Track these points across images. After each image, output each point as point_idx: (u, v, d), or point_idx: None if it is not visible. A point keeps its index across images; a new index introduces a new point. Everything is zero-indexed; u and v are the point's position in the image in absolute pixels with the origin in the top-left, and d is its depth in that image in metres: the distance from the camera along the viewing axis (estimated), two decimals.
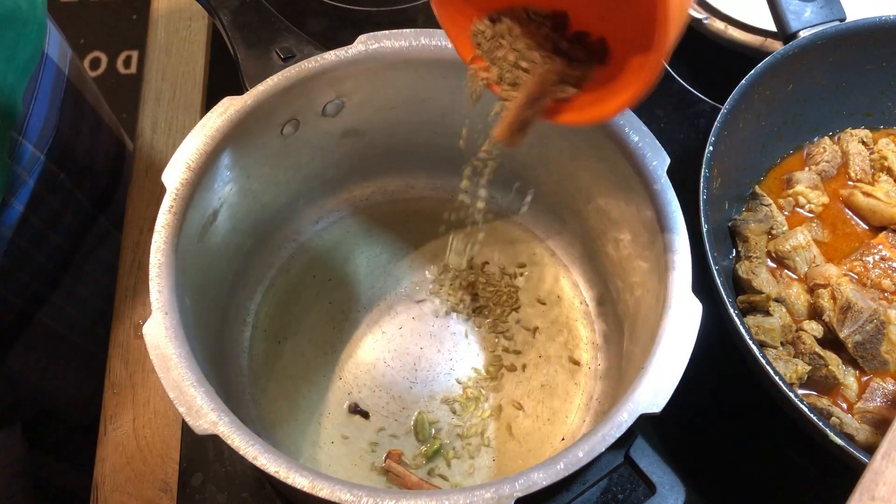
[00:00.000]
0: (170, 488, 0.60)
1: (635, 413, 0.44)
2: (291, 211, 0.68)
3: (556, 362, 0.65)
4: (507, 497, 0.41)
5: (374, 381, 0.64)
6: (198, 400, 0.44)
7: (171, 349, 0.46)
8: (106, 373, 0.65)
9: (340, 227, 0.71)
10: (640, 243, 0.55)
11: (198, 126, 0.53)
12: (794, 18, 0.67)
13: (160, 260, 0.49)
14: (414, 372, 0.64)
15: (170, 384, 0.45)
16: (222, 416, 0.44)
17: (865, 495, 0.46)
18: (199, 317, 0.55)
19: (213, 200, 0.55)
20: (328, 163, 0.66)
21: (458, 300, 0.67)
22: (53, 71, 0.71)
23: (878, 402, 0.60)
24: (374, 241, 0.70)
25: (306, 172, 0.65)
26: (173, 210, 0.50)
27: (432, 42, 0.57)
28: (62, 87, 0.73)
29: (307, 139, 0.61)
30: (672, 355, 0.46)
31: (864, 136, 0.73)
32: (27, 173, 0.68)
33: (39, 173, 0.69)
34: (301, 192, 0.67)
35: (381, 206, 0.72)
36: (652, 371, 0.45)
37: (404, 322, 0.66)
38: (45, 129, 0.69)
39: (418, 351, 0.65)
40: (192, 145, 0.52)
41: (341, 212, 0.71)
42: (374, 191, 0.72)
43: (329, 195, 0.70)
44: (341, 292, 0.68)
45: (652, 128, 0.54)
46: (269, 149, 0.59)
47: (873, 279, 0.65)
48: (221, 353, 0.61)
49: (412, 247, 0.70)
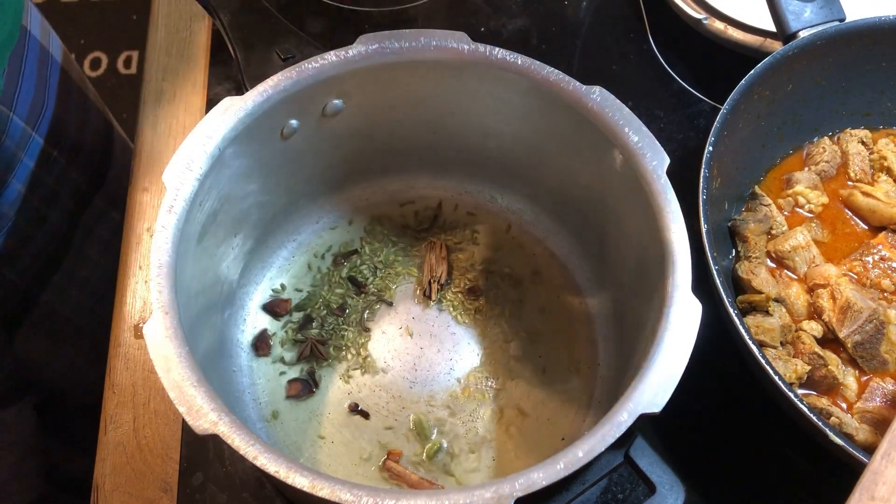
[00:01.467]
0: (170, 488, 0.60)
1: (635, 413, 0.44)
2: (291, 210, 0.68)
3: (556, 362, 0.65)
4: (506, 497, 0.41)
5: (374, 381, 0.64)
6: (198, 400, 0.44)
7: (172, 349, 0.46)
8: (106, 373, 0.65)
9: (340, 226, 0.71)
10: (640, 243, 0.55)
11: (198, 126, 0.53)
12: (793, 18, 0.67)
13: (161, 260, 0.49)
14: (414, 372, 0.64)
15: (170, 384, 0.45)
16: (222, 415, 0.44)
17: (865, 495, 0.46)
18: (200, 316, 0.55)
19: (214, 200, 0.55)
20: (328, 163, 0.66)
21: (458, 300, 0.67)
22: (37, 49, 0.72)
23: (878, 401, 0.60)
24: (373, 240, 0.70)
25: (306, 172, 0.65)
26: (173, 210, 0.50)
27: (432, 42, 0.57)
28: (47, 65, 0.74)
29: (307, 139, 0.61)
30: (672, 355, 0.46)
31: (864, 136, 0.73)
32: (22, 152, 0.70)
33: (34, 152, 0.71)
34: (301, 192, 0.67)
35: (382, 205, 0.72)
36: (652, 371, 0.45)
37: (404, 322, 0.67)
38: (34, 106, 0.70)
39: (418, 351, 0.65)
40: (192, 145, 0.52)
41: (341, 211, 0.71)
42: (374, 191, 0.72)
43: (329, 195, 0.70)
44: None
45: (652, 128, 0.54)
46: (269, 149, 0.59)
47: (873, 279, 0.65)
48: (221, 353, 0.61)
49: (412, 246, 0.70)
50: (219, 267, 0.60)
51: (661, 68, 0.83)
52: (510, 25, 0.85)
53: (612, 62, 0.83)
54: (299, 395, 0.63)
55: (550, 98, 0.57)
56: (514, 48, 0.57)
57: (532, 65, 0.56)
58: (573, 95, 0.55)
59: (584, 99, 0.55)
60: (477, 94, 0.60)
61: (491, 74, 0.57)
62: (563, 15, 0.86)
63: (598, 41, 0.85)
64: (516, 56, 0.57)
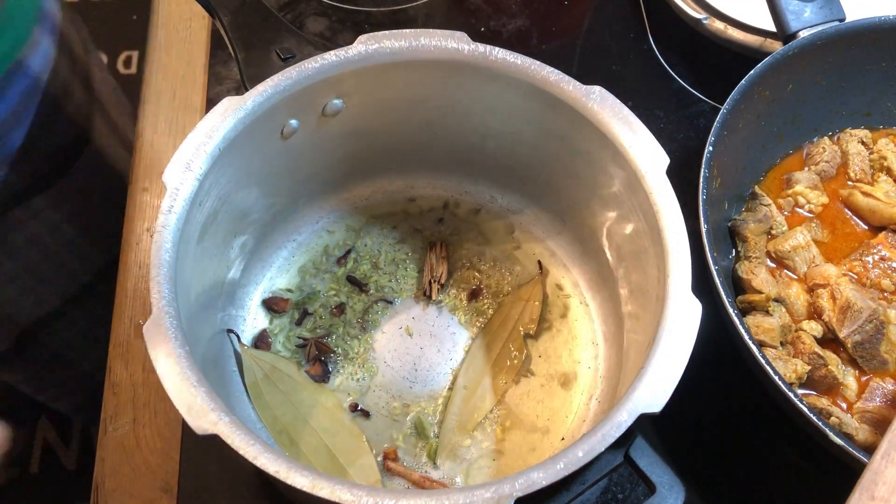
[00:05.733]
0: (170, 488, 0.60)
1: (635, 413, 0.44)
2: (291, 210, 0.68)
3: (557, 362, 0.65)
4: (506, 497, 0.41)
5: (374, 381, 0.64)
6: (198, 400, 0.44)
7: (172, 349, 0.46)
8: (106, 373, 0.65)
9: (340, 226, 0.71)
10: (640, 244, 0.55)
11: (198, 126, 0.53)
12: (793, 18, 0.67)
13: (161, 259, 0.49)
14: (414, 372, 0.64)
15: (169, 384, 0.45)
16: (222, 415, 0.44)
17: (865, 495, 0.46)
18: (199, 316, 0.55)
19: (214, 200, 0.55)
20: (328, 163, 0.66)
21: (458, 300, 0.67)
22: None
23: (878, 401, 0.60)
24: (373, 240, 0.70)
25: (306, 172, 0.65)
26: (173, 210, 0.50)
27: (432, 42, 0.57)
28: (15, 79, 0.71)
29: (307, 139, 0.61)
30: (671, 355, 0.46)
31: (864, 136, 0.73)
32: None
33: None
34: (301, 191, 0.67)
35: (382, 205, 0.72)
36: (651, 371, 0.45)
37: (404, 322, 0.67)
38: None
39: (418, 351, 0.65)
40: (192, 145, 0.52)
41: (341, 211, 0.71)
42: (374, 191, 0.72)
43: (329, 195, 0.70)
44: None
45: (652, 128, 0.54)
46: (269, 149, 0.59)
47: (873, 279, 0.65)
48: (222, 353, 0.61)
49: (412, 246, 0.70)
50: (219, 267, 0.60)
51: (661, 68, 0.83)
52: (510, 25, 0.85)
53: (612, 62, 0.83)
54: (321, 376, 0.63)
55: (550, 98, 0.56)
56: (514, 48, 0.57)
57: (532, 65, 0.56)
58: (573, 95, 0.55)
59: (584, 99, 0.55)
60: (477, 94, 0.60)
61: (491, 74, 0.57)
62: (562, 15, 0.86)
63: (598, 41, 0.85)
64: (516, 56, 0.57)
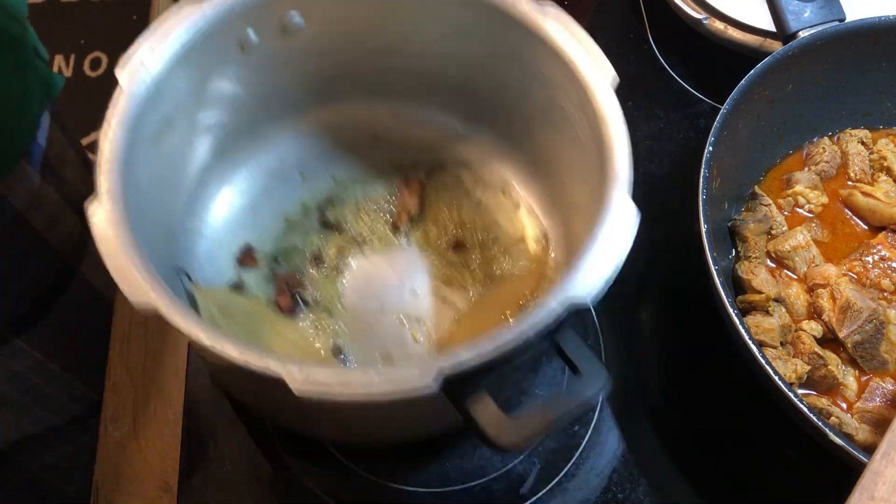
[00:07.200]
0: (170, 488, 0.60)
1: (565, 302, 0.45)
2: (251, 130, 0.67)
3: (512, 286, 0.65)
4: (432, 373, 0.41)
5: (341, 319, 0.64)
6: (141, 280, 0.43)
7: (119, 234, 0.45)
8: (106, 373, 0.65)
9: (301, 149, 0.70)
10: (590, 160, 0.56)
11: (153, 25, 0.52)
12: (793, 19, 0.67)
13: (110, 153, 0.48)
14: (371, 292, 0.65)
15: (114, 267, 0.44)
16: (164, 295, 0.43)
17: (865, 495, 0.47)
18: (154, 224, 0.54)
19: (169, 106, 0.54)
20: (289, 83, 0.65)
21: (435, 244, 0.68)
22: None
23: (878, 401, 0.60)
24: (336, 164, 0.70)
25: (266, 91, 0.64)
26: (127, 108, 0.49)
27: None
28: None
29: (267, 56, 0.60)
30: (605, 253, 0.47)
31: (864, 136, 0.73)
32: None
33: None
34: (260, 110, 0.66)
35: (344, 129, 0.70)
36: (585, 265, 0.46)
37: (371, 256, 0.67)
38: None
39: (381, 279, 0.65)
40: (147, 44, 0.51)
41: (303, 135, 0.70)
42: (335, 115, 0.70)
43: (290, 117, 0.68)
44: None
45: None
46: (227, 62, 0.58)
47: (872, 279, 0.65)
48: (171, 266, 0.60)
49: (375, 173, 0.70)
50: (174, 176, 0.60)
51: (661, 68, 0.83)
52: None
53: (612, 62, 0.83)
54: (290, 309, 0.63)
55: (505, 18, 0.57)
56: None
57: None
58: (527, 13, 0.56)
59: (538, 17, 0.56)
60: (435, 18, 0.60)
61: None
62: None
63: (597, 41, 0.84)
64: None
